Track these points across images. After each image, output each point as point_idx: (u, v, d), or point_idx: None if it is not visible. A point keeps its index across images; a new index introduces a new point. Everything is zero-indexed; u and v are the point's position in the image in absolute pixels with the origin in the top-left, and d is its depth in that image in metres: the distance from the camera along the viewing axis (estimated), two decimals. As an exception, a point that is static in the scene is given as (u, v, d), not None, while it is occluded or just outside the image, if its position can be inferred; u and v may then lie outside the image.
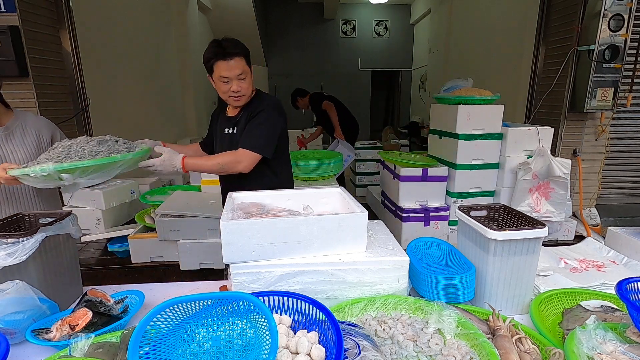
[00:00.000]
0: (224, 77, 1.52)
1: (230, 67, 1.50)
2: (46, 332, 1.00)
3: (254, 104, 1.66)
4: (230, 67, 1.50)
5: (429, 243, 1.41)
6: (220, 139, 1.72)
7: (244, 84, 1.56)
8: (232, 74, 1.51)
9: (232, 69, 1.50)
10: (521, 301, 1.16)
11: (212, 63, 1.52)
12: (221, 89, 1.57)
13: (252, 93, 1.66)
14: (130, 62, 4.12)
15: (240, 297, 0.81)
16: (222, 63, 1.50)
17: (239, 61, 1.51)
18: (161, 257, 2.57)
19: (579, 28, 2.99)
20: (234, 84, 1.54)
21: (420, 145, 6.91)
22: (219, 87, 1.57)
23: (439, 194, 3.02)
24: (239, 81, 1.54)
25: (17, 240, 1.05)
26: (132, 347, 0.71)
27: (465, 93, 2.87)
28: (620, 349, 0.82)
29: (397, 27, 8.97)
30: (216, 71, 1.53)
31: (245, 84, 1.56)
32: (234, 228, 1.04)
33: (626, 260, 1.57)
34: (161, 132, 5.05)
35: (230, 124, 1.69)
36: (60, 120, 2.72)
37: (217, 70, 1.52)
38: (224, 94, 1.59)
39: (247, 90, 1.59)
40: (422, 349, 0.92)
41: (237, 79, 1.53)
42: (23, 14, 2.41)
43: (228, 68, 1.50)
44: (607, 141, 3.30)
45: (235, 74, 1.51)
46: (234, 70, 1.51)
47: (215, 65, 1.52)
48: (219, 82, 1.55)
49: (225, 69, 1.50)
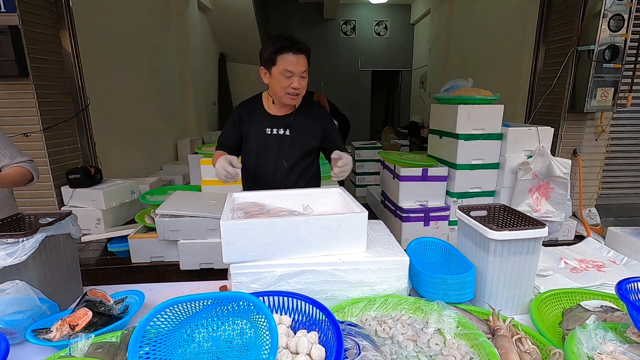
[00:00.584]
0: (288, 70, 1.48)
1: (298, 62, 1.48)
2: (46, 332, 1.00)
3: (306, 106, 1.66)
4: (298, 62, 1.48)
5: (429, 243, 1.41)
6: (263, 137, 1.63)
7: (304, 82, 1.53)
8: (297, 69, 1.48)
9: (299, 64, 1.48)
10: (521, 301, 1.16)
11: (279, 54, 1.47)
12: (281, 84, 1.51)
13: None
14: (130, 62, 4.12)
15: (240, 297, 0.81)
16: (290, 56, 1.47)
17: (304, 59, 1.50)
18: (161, 257, 2.57)
19: (579, 28, 2.99)
20: (296, 81, 1.50)
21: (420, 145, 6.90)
22: (279, 81, 1.51)
23: (439, 194, 3.01)
24: (300, 79, 1.51)
25: (17, 240, 1.05)
26: (132, 347, 0.71)
27: (465, 93, 2.87)
28: (620, 349, 0.82)
29: (397, 27, 8.97)
30: (280, 64, 1.48)
31: (304, 83, 1.54)
32: (234, 228, 1.04)
33: (626, 260, 1.57)
34: (161, 132, 5.06)
35: (281, 124, 1.63)
36: (60, 120, 2.72)
37: (282, 63, 1.47)
38: (282, 89, 1.52)
39: (304, 91, 1.56)
40: (422, 349, 0.92)
41: (300, 76, 1.50)
42: (23, 14, 2.42)
43: (296, 62, 1.47)
44: (607, 141, 3.30)
45: (300, 70, 1.49)
46: (299, 66, 1.48)
47: (281, 57, 1.47)
48: (280, 77, 1.50)
49: (293, 62, 1.47)
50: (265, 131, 1.63)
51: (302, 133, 1.64)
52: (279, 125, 1.63)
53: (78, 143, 2.97)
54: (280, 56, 1.47)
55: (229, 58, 7.74)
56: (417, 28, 8.77)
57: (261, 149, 1.64)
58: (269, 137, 1.63)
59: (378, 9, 8.74)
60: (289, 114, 1.65)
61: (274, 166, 1.64)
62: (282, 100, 1.57)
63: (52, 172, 2.67)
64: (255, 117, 1.65)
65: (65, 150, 2.83)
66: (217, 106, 7.56)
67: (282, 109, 1.64)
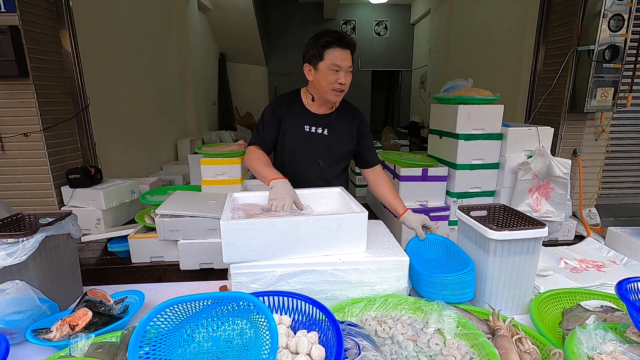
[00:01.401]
0: (336, 65, 1.43)
1: (346, 57, 1.45)
2: (46, 332, 1.00)
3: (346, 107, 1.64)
4: (346, 56, 1.45)
5: (428, 240, 1.42)
6: (301, 135, 1.59)
7: (349, 79, 1.49)
8: (345, 64, 1.44)
9: (346, 59, 1.45)
10: (521, 301, 1.16)
11: (328, 48, 1.43)
12: (328, 79, 1.46)
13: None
14: (130, 62, 4.12)
15: (240, 297, 0.81)
16: (339, 51, 1.43)
17: (350, 55, 1.46)
18: (161, 257, 2.57)
19: (579, 28, 2.99)
20: (342, 76, 1.46)
21: (420, 145, 6.91)
22: (326, 76, 1.46)
23: (439, 194, 3.01)
24: (347, 74, 1.47)
25: (17, 240, 1.05)
26: (132, 347, 0.71)
27: (465, 93, 2.87)
28: (620, 349, 0.82)
29: (397, 27, 8.97)
30: (328, 58, 1.44)
31: (349, 79, 1.50)
32: (234, 228, 1.04)
33: (626, 260, 1.57)
34: (161, 132, 5.06)
35: (321, 123, 1.59)
36: (60, 120, 2.72)
37: (330, 58, 1.43)
38: (329, 84, 1.47)
39: (348, 88, 1.51)
40: (422, 349, 0.92)
41: (346, 72, 1.47)
42: (23, 14, 2.41)
43: (344, 57, 1.44)
44: (607, 141, 3.30)
45: (347, 65, 1.45)
46: (347, 61, 1.45)
47: (329, 52, 1.43)
48: (327, 71, 1.45)
49: (342, 57, 1.43)
50: (304, 129, 1.58)
51: (341, 134, 1.62)
52: (319, 124, 1.59)
53: (78, 143, 2.97)
54: (327, 51, 1.44)
55: (229, 58, 7.75)
56: (417, 28, 8.77)
57: (298, 147, 1.60)
58: (307, 135, 1.59)
59: (378, 9, 8.74)
60: (328, 113, 1.61)
61: (309, 166, 1.61)
62: (327, 96, 1.51)
63: (52, 172, 2.67)
64: (294, 113, 1.60)
65: (65, 150, 2.82)
66: (217, 106, 7.56)
67: (321, 107, 1.60)
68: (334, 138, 1.61)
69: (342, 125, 1.62)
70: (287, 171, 1.57)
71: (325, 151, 1.61)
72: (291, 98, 1.63)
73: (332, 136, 1.60)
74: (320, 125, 1.59)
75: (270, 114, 1.60)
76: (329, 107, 1.62)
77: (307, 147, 1.59)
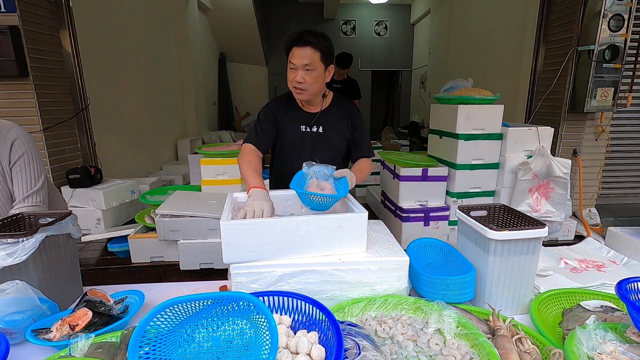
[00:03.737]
0: (292, 62, 1.47)
1: (302, 55, 1.45)
2: (46, 332, 1.00)
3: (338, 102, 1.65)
4: (303, 54, 1.45)
5: (429, 244, 1.41)
6: (298, 135, 1.62)
7: (309, 77, 1.47)
8: (299, 62, 1.45)
9: (302, 57, 1.45)
10: (521, 301, 1.16)
11: (290, 48, 1.48)
12: (288, 77, 1.51)
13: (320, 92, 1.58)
14: (130, 62, 4.12)
15: (240, 297, 0.80)
16: (296, 49, 1.46)
17: (309, 51, 1.45)
18: (161, 257, 2.57)
19: (579, 28, 2.99)
20: (298, 74, 1.47)
21: (420, 145, 6.90)
22: (288, 75, 1.52)
23: (439, 194, 3.01)
24: (304, 72, 1.47)
25: (17, 240, 1.05)
26: (132, 347, 0.71)
27: (465, 93, 2.87)
28: (620, 349, 0.82)
29: (397, 27, 8.96)
30: (289, 57, 1.49)
31: (311, 78, 1.48)
32: (234, 228, 1.04)
33: (626, 260, 1.57)
34: (161, 132, 5.06)
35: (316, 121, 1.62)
36: (60, 120, 2.72)
37: (290, 57, 1.48)
38: (290, 82, 1.52)
39: (311, 86, 1.50)
40: (422, 349, 0.92)
41: (303, 69, 1.46)
42: (23, 14, 2.41)
43: (300, 55, 1.45)
44: (607, 141, 3.30)
45: (302, 62, 1.45)
46: (303, 59, 1.45)
47: (291, 52, 1.47)
48: (288, 70, 1.50)
49: (298, 55, 1.45)
50: (300, 129, 1.61)
51: (335, 129, 1.63)
52: (314, 122, 1.61)
53: (78, 143, 2.97)
54: (290, 51, 1.48)
55: (229, 58, 7.74)
56: (417, 28, 8.77)
57: (296, 147, 1.62)
58: (303, 135, 1.61)
59: (378, 9, 8.74)
60: (323, 110, 1.63)
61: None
62: (294, 94, 1.56)
63: (52, 172, 2.67)
64: (290, 114, 1.63)
65: (65, 150, 2.83)
66: (217, 106, 7.55)
67: (312, 105, 1.63)
68: (329, 134, 1.62)
69: (335, 120, 1.63)
70: (287, 172, 1.58)
71: (323, 149, 1.63)
72: (285, 99, 1.66)
73: (327, 132, 1.62)
74: (315, 123, 1.62)
75: (266, 115, 1.62)
76: (319, 105, 1.63)
77: (304, 147, 1.62)
